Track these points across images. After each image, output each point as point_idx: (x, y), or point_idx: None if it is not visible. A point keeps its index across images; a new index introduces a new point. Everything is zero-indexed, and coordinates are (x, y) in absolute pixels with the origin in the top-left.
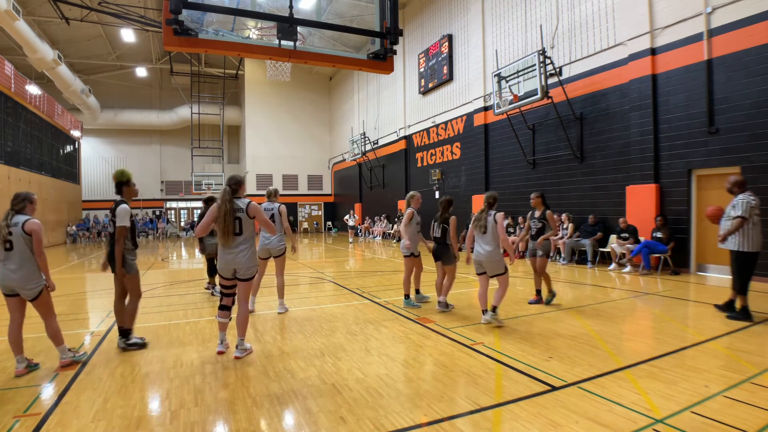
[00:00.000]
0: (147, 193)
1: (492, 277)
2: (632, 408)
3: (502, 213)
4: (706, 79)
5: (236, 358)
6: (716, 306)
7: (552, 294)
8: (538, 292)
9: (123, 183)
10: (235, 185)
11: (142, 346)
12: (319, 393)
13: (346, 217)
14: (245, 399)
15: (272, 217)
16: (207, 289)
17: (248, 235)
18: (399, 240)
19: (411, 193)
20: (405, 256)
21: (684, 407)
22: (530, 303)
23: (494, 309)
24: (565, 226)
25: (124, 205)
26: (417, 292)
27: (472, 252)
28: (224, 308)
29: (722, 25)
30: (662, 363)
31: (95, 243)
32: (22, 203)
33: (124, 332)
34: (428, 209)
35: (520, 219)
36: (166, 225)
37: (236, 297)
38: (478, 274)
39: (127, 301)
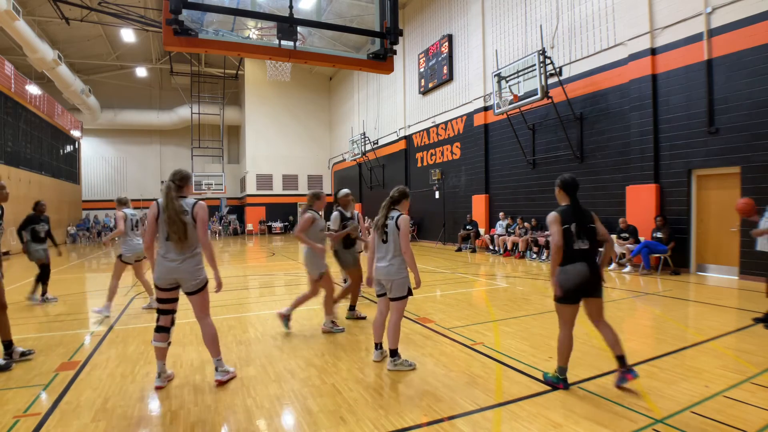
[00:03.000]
0: (147, 193)
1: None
2: (632, 408)
3: (407, 217)
4: (706, 79)
5: (217, 382)
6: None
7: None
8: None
9: None
10: (180, 181)
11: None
12: (319, 393)
13: None
14: (245, 399)
15: (137, 222)
16: (29, 299)
17: (194, 240)
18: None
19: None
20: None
21: (684, 407)
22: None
23: (393, 353)
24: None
25: None
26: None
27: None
28: (161, 330)
29: (722, 25)
30: (662, 363)
31: (95, 243)
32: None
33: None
34: (428, 209)
35: (519, 220)
36: None
37: (195, 315)
38: (378, 296)
39: None
